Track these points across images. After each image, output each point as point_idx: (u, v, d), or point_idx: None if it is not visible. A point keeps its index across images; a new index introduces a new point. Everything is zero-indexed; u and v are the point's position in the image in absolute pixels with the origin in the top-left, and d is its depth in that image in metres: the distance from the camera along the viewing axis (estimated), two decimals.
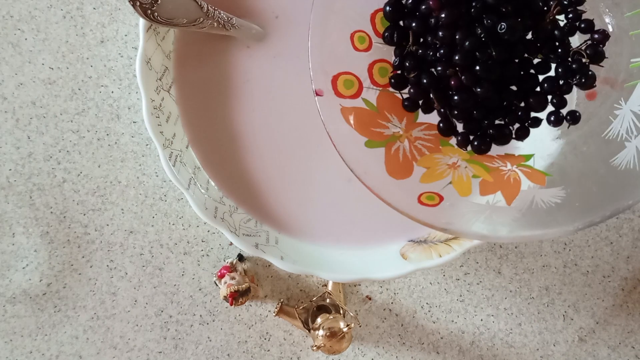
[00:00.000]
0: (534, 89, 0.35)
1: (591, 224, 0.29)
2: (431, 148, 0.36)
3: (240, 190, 0.42)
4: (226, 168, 0.41)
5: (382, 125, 0.36)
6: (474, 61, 0.33)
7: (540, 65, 0.34)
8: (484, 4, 0.32)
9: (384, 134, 0.36)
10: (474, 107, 0.34)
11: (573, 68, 0.33)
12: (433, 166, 0.35)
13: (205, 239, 0.46)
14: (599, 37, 0.33)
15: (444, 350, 0.46)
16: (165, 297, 0.46)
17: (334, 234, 0.41)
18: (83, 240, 0.46)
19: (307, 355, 0.46)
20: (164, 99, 0.40)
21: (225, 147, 0.41)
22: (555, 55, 0.34)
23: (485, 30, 0.32)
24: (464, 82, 0.33)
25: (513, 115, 0.35)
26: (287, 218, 0.42)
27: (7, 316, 0.46)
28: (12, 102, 0.45)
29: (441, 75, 0.34)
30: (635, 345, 0.46)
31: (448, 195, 0.34)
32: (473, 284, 0.46)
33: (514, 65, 0.34)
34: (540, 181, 0.35)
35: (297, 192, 0.41)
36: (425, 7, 0.33)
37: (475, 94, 0.33)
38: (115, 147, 0.45)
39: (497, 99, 0.34)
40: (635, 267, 0.46)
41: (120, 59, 0.45)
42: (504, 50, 0.32)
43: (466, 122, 0.35)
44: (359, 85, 0.36)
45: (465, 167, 0.35)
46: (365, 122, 0.36)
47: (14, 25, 0.45)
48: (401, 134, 0.36)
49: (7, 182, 0.45)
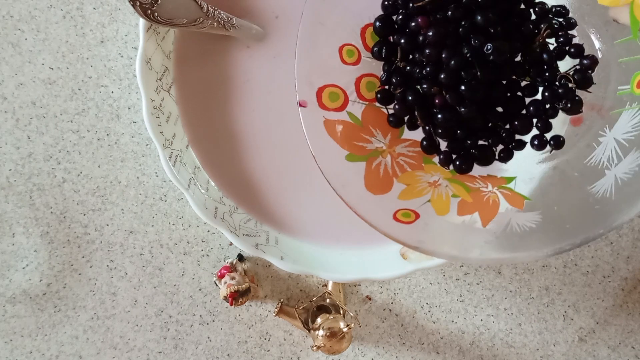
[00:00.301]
0: (520, 112, 0.34)
1: (560, 252, 0.29)
2: (413, 165, 0.36)
3: (240, 190, 0.42)
4: (226, 168, 0.41)
5: (365, 140, 0.36)
6: (459, 81, 0.32)
7: (527, 88, 0.34)
8: (472, 24, 0.32)
9: (367, 148, 0.36)
10: (458, 127, 0.34)
11: (560, 92, 0.33)
12: (413, 183, 0.35)
13: (205, 239, 0.46)
14: (588, 62, 0.33)
15: (444, 350, 0.46)
16: (165, 297, 0.46)
17: (334, 234, 0.41)
18: (83, 240, 0.46)
19: (307, 355, 0.46)
20: (164, 99, 0.40)
21: (225, 147, 0.41)
22: (542, 78, 0.33)
23: (472, 50, 0.32)
24: (449, 101, 0.33)
25: (497, 136, 0.35)
26: (287, 218, 0.42)
27: (7, 316, 0.46)
28: (12, 102, 0.45)
29: (426, 93, 0.34)
30: (635, 345, 0.46)
31: (424, 213, 0.34)
32: (473, 284, 0.46)
33: (500, 87, 0.34)
34: (519, 204, 0.34)
35: (297, 192, 0.41)
36: (415, 24, 0.33)
37: (459, 113, 0.33)
38: (115, 147, 0.45)
39: (482, 119, 0.34)
40: (635, 267, 0.46)
41: (120, 59, 0.45)
42: (489, 71, 0.32)
43: (449, 141, 0.35)
44: (344, 98, 0.36)
45: (446, 185, 0.35)
46: (348, 136, 0.36)
47: (14, 25, 0.45)
48: (384, 149, 0.36)
49: (7, 182, 0.45)
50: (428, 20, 0.33)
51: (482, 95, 0.33)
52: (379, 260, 0.40)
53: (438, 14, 0.33)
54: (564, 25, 0.33)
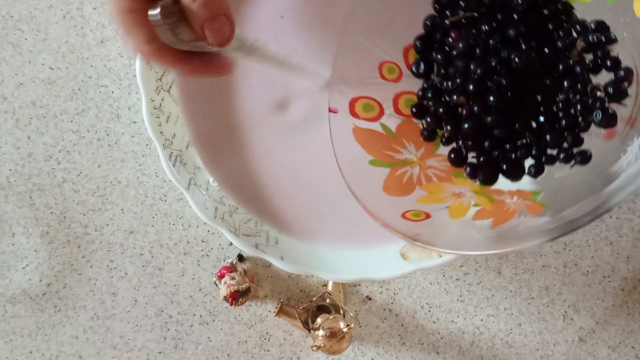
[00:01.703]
0: (551, 125, 0.33)
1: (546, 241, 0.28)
2: (442, 177, 0.36)
3: (241, 189, 0.42)
4: (227, 167, 0.41)
5: (395, 150, 0.37)
6: (486, 90, 0.33)
7: (561, 102, 0.33)
8: (503, 36, 0.32)
9: (395, 157, 0.37)
10: (485, 137, 0.34)
11: (591, 105, 0.31)
12: (437, 192, 0.35)
13: (205, 239, 0.46)
14: (624, 74, 0.31)
15: (444, 350, 0.46)
16: (165, 297, 0.46)
17: (334, 234, 0.41)
18: (83, 240, 0.46)
19: (307, 355, 0.46)
20: (164, 99, 0.40)
21: (226, 146, 0.41)
22: (574, 91, 0.32)
23: (499, 60, 0.32)
24: (475, 110, 0.33)
25: (526, 150, 0.34)
26: (287, 218, 0.42)
27: (7, 316, 0.46)
28: (12, 102, 0.45)
29: (455, 104, 0.34)
30: (635, 345, 0.46)
31: (436, 215, 0.34)
32: (473, 284, 0.46)
33: (530, 98, 0.33)
34: (536, 212, 0.34)
35: (297, 192, 0.41)
36: (450, 39, 0.34)
37: (484, 122, 0.33)
38: (115, 147, 0.45)
39: (509, 130, 0.33)
40: (635, 267, 0.46)
41: (120, 59, 0.45)
42: (514, 78, 0.32)
43: (477, 152, 0.35)
44: (379, 111, 0.37)
45: (471, 197, 0.35)
46: (376, 144, 0.36)
47: (14, 25, 0.45)
48: (414, 160, 0.37)
49: (7, 182, 0.45)
50: (459, 34, 0.34)
51: (507, 103, 0.32)
52: (379, 260, 0.40)
53: (472, 28, 0.33)
54: (603, 41, 0.32)
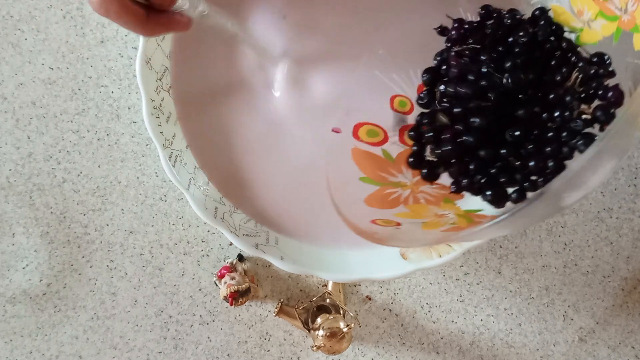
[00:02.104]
0: (538, 151, 0.32)
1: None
2: (431, 201, 0.36)
3: (239, 191, 0.41)
4: (225, 169, 0.41)
5: (391, 174, 0.37)
6: (471, 111, 0.33)
7: (549, 129, 0.32)
8: (501, 66, 0.32)
9: (388, 179, 0.37)
10: (469, 160, 0.34)
11: (577, 131, 0.30)
12: (420, 211, 0.35)
13: (205, 239, 0.46)
14: (613, 96, 0.30)
15: (444, 350, 0.46)
16: (165, 297, 0.46)
17: (334, 234, 0.41)
18: (83, 240, 0.46)
19: (307, 355, 0.46)
20: (164, 99, 0.40)
21: (224, 147, 0.41)
22: (563, 119, 0.31)
23: (489, 83, 0.32)
24: (458, 131, 0.33)
25: (510, 174, 0.33)
26: (286, 218, 0.41)
27: (7, 316, 0.46)
28: (12, 102, 0.45)
29: (440, 127, 0.35)
30: (635, 345, 0.46)
31: (407, 225, 0.34)
32: (473, 284, 0.46)
33: (515, 122, 0.33)
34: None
35: (297, 192, 0.41)
36: (451, 68, 0.34)
37: (463, 144, 0.33)
38: (115, 147, 0.45)
39: (489, 152, 0.33)
40: (635, 267, 0.46)
41: (120, 59, 0.45)
42: (502, 100, 0.32)
43: (458, 174, 0.35)
44: (383, 137, 0.38)
45: (452, 218, 0.35)
46: (372, 165, 0.37)
47: (14, 25, 0.45)
48: (407, 184, 0.37)
49: (7, 182, 0.45)
50: (458, 61, 0.34)
51: (486, 121, 0.32)
52: (379, 260, 0.40)
53: (472, 57, 0.34)
54: (600, 74, 0.31)
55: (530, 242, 0.46)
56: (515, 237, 0.46)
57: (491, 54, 0.33)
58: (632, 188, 0.46)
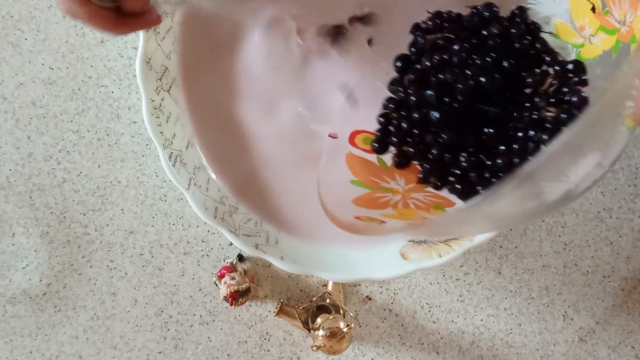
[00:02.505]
0: (506, 149, 0.33)
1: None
2: (421, 207, 0.36)
3: (242, 188, 0.42)
4: (230, 166, 0.41)
5: (384, 180, 0.37)
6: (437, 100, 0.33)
7: (517, 128, 0.33)
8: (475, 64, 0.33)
9: (380, 184, 0.37)
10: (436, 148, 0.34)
11: (543, 130, 0.31)
12: (408, 215, 0.35)
13: (205, 239, 0.46)
14: (577, 101, 0.31)
15: (444, 350, 0.46)
16: (165, 297, 0.46)
17: (334, 234, 0.41)
18: (83, 240, 0.46)
19: (307, 355, 0.46)
20: (164, 99, 0.40)
21: (228, 145, 0.41)
22: (531, 120, 0.32)
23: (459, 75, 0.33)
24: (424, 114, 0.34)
25: (479, 170, 0.34)
26: (287, 217, 0.42)
27: (7, 316, 0.46)
28: (12, 102, 0.45)
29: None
30: (635, 345, 0.46)
31: (391, 223, 0.34)
32: (473, 284, 0.46)
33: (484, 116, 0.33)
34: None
35: (298, 191, 0.41)
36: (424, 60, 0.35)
37: (427, 124, 0.34)
38: (115, 147, 0.45)
39: (454, 137, 0.34)
40: (635, 267, 0.46)
41: (120, 59, 0.45)
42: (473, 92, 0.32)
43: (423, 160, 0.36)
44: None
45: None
46: (365, 170, 0.37)
47: (14, 25, 0.45)
48: (399, 190, 0.37)
49: (7, 182, 0.45)
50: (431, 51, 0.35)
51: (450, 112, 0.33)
52: (379, 260, 0.40)
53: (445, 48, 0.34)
54: (576, 81, 0.32)
55: (530, 242, 0.46)
56: (515, 237, 0.46)
57: (463, 44, 0.34)
58: (632, 188, 0.46)
